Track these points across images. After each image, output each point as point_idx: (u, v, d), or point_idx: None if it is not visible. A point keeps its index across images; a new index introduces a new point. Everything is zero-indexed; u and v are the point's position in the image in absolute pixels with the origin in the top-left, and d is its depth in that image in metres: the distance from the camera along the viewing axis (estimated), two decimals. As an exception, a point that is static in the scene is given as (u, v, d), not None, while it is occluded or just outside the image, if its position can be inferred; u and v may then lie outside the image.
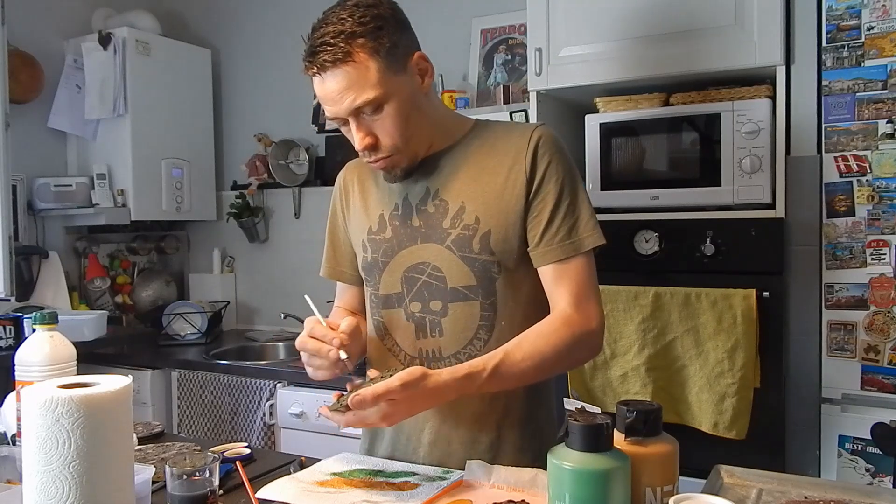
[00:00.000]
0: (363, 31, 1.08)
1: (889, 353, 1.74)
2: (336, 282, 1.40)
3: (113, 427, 0.86)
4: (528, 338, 1.13)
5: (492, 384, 1.10)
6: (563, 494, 0.83)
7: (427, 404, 1.08)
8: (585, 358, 1.26)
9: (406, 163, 1.20)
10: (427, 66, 1.18)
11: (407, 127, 1.15)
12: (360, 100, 1.10)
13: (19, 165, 2.80)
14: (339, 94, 1.10)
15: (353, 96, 1.10)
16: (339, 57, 1.08)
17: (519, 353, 1.11)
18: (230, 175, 3.39)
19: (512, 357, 1.10)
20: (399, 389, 1.01)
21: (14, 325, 2.42)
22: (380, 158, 1.17)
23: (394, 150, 1.16)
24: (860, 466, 1.76)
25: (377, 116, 1.13)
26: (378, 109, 1.12)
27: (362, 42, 1.08)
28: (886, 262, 1.74)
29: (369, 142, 1.15)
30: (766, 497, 0.98)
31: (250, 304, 3.36)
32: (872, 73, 1.74)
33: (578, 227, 1.17)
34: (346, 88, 1.09)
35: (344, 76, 1.09)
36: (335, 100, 1.11)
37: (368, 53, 1.09)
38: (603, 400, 1.95)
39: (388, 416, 1.03)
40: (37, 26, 3.02)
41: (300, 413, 2.35)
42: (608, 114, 2.03)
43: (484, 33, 2.75)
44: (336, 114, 1.13)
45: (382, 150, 1.16)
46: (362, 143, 1.14)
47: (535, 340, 1.13)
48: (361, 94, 1.10)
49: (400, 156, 1.18)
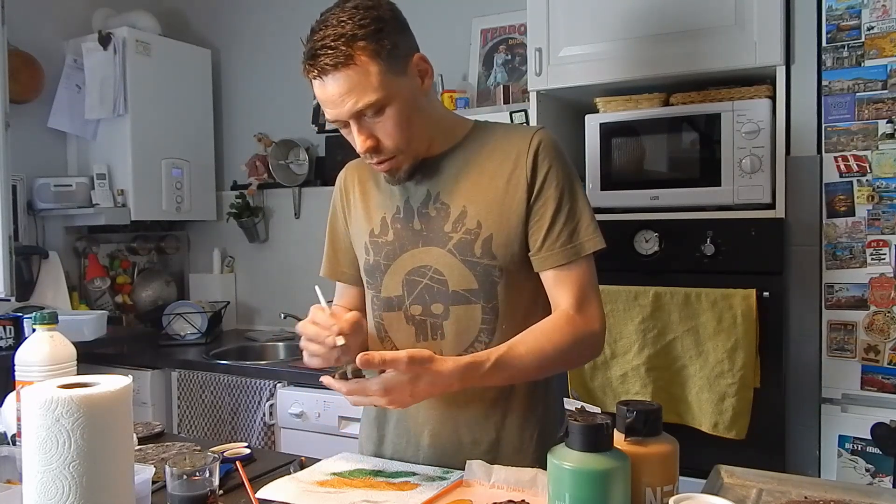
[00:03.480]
0: (364, 34, 1.07)
1: (889, 353, 1.74)
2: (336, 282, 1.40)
3: (113, 427, 0.86)
4: (532, 334, 1.14)
5: (493, 376, 1.10)
6: (563, 494, 0.83)
7: (429, 389, 1.07)
8: (587, 358, 1.27)
9: (408, 164, 1.19)
10: (427, 68, 1.17)
11: (408, 128, 1.15)
12: (362, 103, 1.09)
13: (19, 165, 2.80)
14: (341, 97, 1.09)
15: (355, 99, 1.09)
16: (340, 60, 1.07)
17: (522, 347, 1.12)
18: (230, 175, 3.39)
19: (515, 351, 1.11)
20: (406, 361, 1.02)
21: (14, 325, 2.43)
22: (383, 160, 1.17)
23: (396, 152, 1.16)
24: (860, 466, 1.76)
25: (378, 119, 1.12)
26: (379, 112, 1.11)
27: (363, 45, 1.07)
28: (886, 262, 1.74)
29: (371, 144, 1.14)
30: (766, 497, 0.98)
31: (250, 304, 3.36)
32: (872, 73, 1.74)
33: (579, 231, 1.18)
34: (348, 92, 1.09)
35: (345, 80, 1.08)
36: (336, 103, 1.10)
37: (369, 56, 1.08)
38: (603, 400, 1.95)
39: (389, 391, 1.04)
40: (37, 26, 3.02)
41: (300, 413, 2.35)
42: (608, 114, 2.03)
43: (484, 33, 2.75)
44: (337, 117, 1.13)
45: (385, 153, 1.16)
46: (364, 145, 1.14)
47: (538, 337, 1.13)
48: (363, 97, 1.09)
49: (402, 157, 1.18)
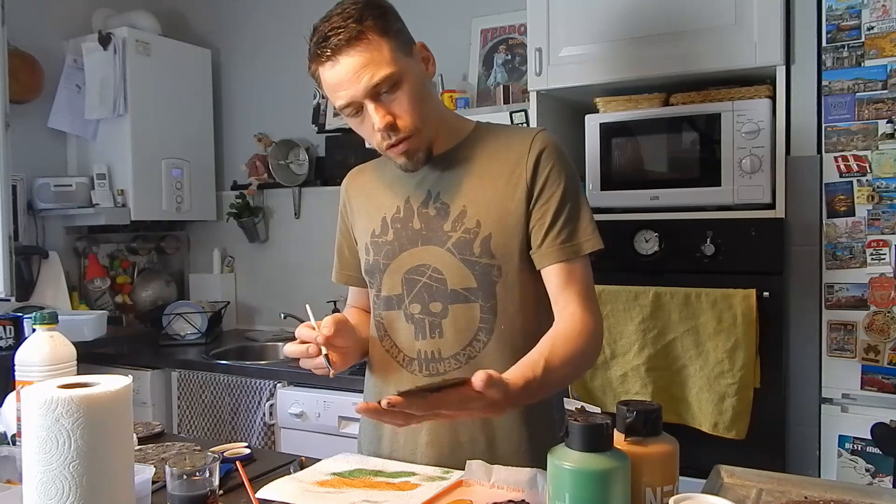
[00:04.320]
0: (371, 15, 1.11)
1: (889, 353, 1.74)
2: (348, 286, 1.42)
3: (113, 427, 0.86)
4: (558, 342, 1.11)
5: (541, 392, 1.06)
6: (563, 494, 0.83)
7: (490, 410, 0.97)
8: (596, 359, 1.26)
9: (425, 146, 1.19)
10: (429, 55, 1.21)
11: (423, 107, 1.16)
12: (378, 76, 1.10)
13: (19, 165, 2.80)
14: (356, 72, 1.10)
15: (371, 73, 1.10)
16: (352, 35, 1.09)
17: (556, 359, 1.07)
18: (230, 175, 3.39)
19: (552, 363, 1.06)
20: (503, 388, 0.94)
21: (14, 325, 2.43)
22: (401, 140, 1.16)
23: (413, 131, 1.16)
24: (860, 466, 1.76)
25: (394, 95, 1.13)
26: (395, 87, 1.12)
27: (371, 23, 1.10)
28: (886, 262, 1.74)
29: (389, 120, 1.13)
30: (766, 497, 0.98)
31: (250, 304, 3.36)
32: (872, 73, 1.74)
33: (579, 230, 1.19)
34: (363, 67, 1.10)
35: (359, 55, 1.10)
36: (352, 80, 1.11)
37: (379, 34, 1.10)
38: (603, 400, 1.95)
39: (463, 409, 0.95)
40: (37, 26, 3.02)
41: (300, 413, 2.35)
42: (608, 114, 2.03)
43: (484, 33, 2.75)
44: (353, 97, 1.12)
45: (402, 130, 1.15)
46: (383, 121, 1.13)
47: (564, 344, 1.11)
48: (378, 70, 1.10)
49: (419, 137, 1.17)
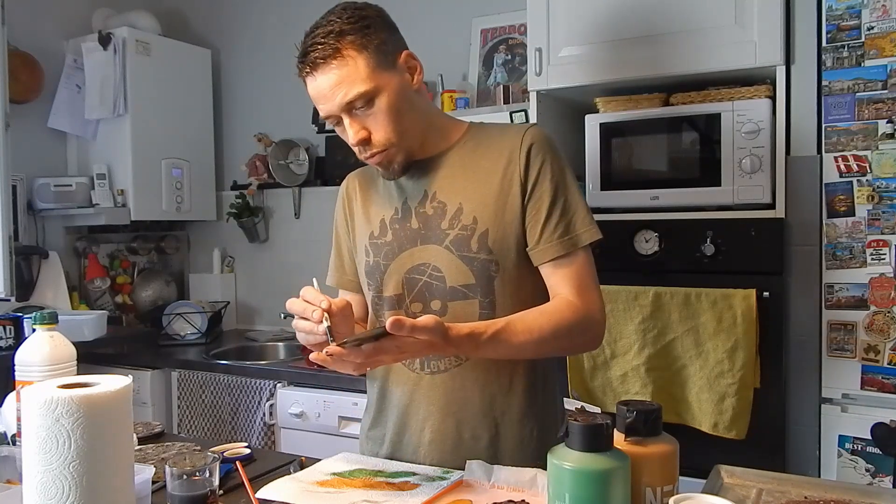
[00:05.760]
0: (351, 30, 1.12)
1: (889, 353, 1.74)
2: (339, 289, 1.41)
3: (113, 427, 0.86)
4: (531, 314, 1.15)
5: (489, 348, 1.10)
6: (563, 494, 0.83)
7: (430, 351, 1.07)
8: (585, 344, 1.26)
9: (402, 157, 1.21)
10: (415, 64, 1.21)
11: (400, 121, 1.17)
12: (352, 94, 1.12)
13: (19, 165, 2.80)
14: (331, 89, 1.13)
15: (344, 91, 1.12)
16: (328, 53, 1.12)
17: (521, 324, 1.12)
18: (230, 175, 3.39)
19: (513, 327, 1.12)
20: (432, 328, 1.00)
21: (14, 325, 2.43)
22: (375, 153, 1.19)
23: (388, 144, 1.18)
24: (860, 466, 1.76)
25: (369, 111, 1.15)
26: (370, 104, 1.14)
27: (351, 39, 1.12)
28: (886, 262, 1.74)
29: (363, 136, 1.17)
30: (766, 497, 0.98)
31: (250, 304, 3.36)
32: (872, 73, 1.74)
33: (575, 223, 1.19)
34: (337, 84, 1.12)
35: (334, 72, 1.12)
36: (327, 96, 1.14)
37: (357, 50, 1.12)
38: (603, 400, 1.95)
39: (404, 352, 1.05)
40: (37, 26, 3.02)
41: (300, 413, 2.35)
42: (608, 114, 2.03)
43: (484, 33, 2.75)
44: (329, 111, 1.16)
45: (376, 145, 1.18)
46: (356, 136, 1.16)
47: (537, 316, 1.14)
48: (352, 88, 1.12)
49: (395, 150, 1.19)
